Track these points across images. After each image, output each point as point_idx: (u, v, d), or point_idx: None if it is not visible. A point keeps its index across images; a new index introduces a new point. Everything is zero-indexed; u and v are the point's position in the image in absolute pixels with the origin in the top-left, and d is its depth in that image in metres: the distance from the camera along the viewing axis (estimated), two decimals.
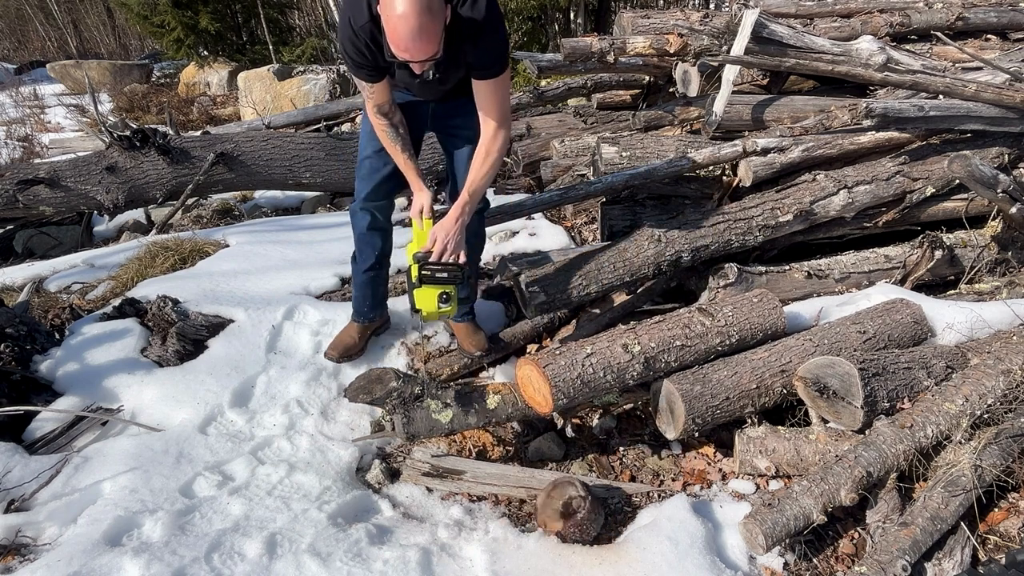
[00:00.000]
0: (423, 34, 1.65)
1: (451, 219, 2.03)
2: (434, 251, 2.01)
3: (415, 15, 1.61)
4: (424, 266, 1.99)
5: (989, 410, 1.96)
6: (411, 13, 1.61)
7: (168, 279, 3.22)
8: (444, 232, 2.02)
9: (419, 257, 2.01)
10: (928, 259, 2.75)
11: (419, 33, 1.64)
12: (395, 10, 1.63)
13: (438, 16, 1.68)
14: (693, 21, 3.79)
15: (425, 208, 2.16)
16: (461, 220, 2.04)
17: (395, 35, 1.67)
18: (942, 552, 1.78)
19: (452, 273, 2.02)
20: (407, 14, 1.61)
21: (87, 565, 1.74)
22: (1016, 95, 2.80)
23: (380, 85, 2.01)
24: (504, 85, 1.96)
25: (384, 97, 2.05)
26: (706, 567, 1.78)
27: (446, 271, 2.01)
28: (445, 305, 2.03)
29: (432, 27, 1.66)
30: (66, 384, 2.46)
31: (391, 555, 1.85)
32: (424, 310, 2.04)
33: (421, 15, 1.62)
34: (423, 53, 1.69)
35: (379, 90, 2.02)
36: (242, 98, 9.62)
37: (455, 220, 2.03)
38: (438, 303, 2.02)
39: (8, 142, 8.40)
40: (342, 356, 2.58)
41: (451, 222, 2.03)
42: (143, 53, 17.26)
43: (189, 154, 4.52)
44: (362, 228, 2.38)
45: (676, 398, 2.06)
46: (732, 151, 2.94)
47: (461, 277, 2.03)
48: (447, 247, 2.01)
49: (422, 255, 2.01)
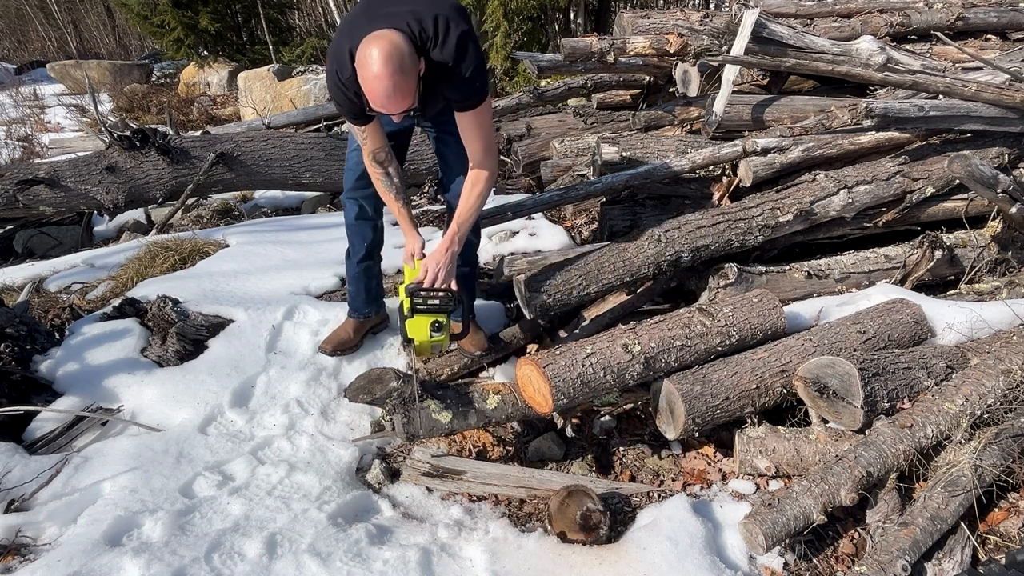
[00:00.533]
0: (397, 92, 1.72)
1: (441, 249, 2.09)
2: (426, 280, 2.06)
3: (388, 76, 1.69)
4: (415, 294, 2.03)
5: (989, 410, 1.96)
6: (384, 75, 1.69)
7: (168, 279, 3.22)
8: (435, 261, 2.08)
9: (410, 288, 2.05)
10: (928, 259, 2.75)
11: (393, 92, 1.71)
12: (369, 71, 1.70)
13: (411, 73, 1.74)
14: (693, 21, 3.79)
15: (416, 251, 2.22)
16: (451, 250, 2.09)
17: (371, 94, 1.75)
18: (942, 552, 1.78)
19: (443, 300, 2.05)
20: (380, 75, 1.69)
21: (87, 565, 1.74)
22: (1016, 95, 2.80)
23: (372, 127, 2.07)
24: (484, 114, 1.99)
25: (378, 142, 2.11)
26: (706, 567, 1.78)
27: (437, 298, 2.04)
28: (437, 334, 2.06)
29: (405, 85, 1.73)
30: (66, 384, 2.46)
31: (391, 555, 1.85)
32: (416, 339, 2.06)
33: (394, 75, 1.69)
34: (398, 108, 1.77)
35: (371, 133, 2.08)
36: (242, 98, 9.62)
37: (445, 250, 2.09)
38: (430, 331, 2.05)
39: (8, 142, 8.40)
40: (336, 349, 2.59)
41: (441, 252, 2.09)
42: (143, 53, 17.26)
43: (189, 154, 4.52)
44: (351, 218, 2.43)
45: (676, 398, 2.06)
46: (732, 151, 2.94)
47: (452, 304, 2.07)
48: (438, 275, 2.06)
49: (413, 286, 2.06)
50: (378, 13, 1.81)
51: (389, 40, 1.70)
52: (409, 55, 1.73)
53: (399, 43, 1.71)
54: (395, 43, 1.70)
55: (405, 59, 1.71)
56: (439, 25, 1.81)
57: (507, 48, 8.17)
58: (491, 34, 8.38)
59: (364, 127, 2.06)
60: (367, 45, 1.71)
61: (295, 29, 13.84)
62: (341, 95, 1.94)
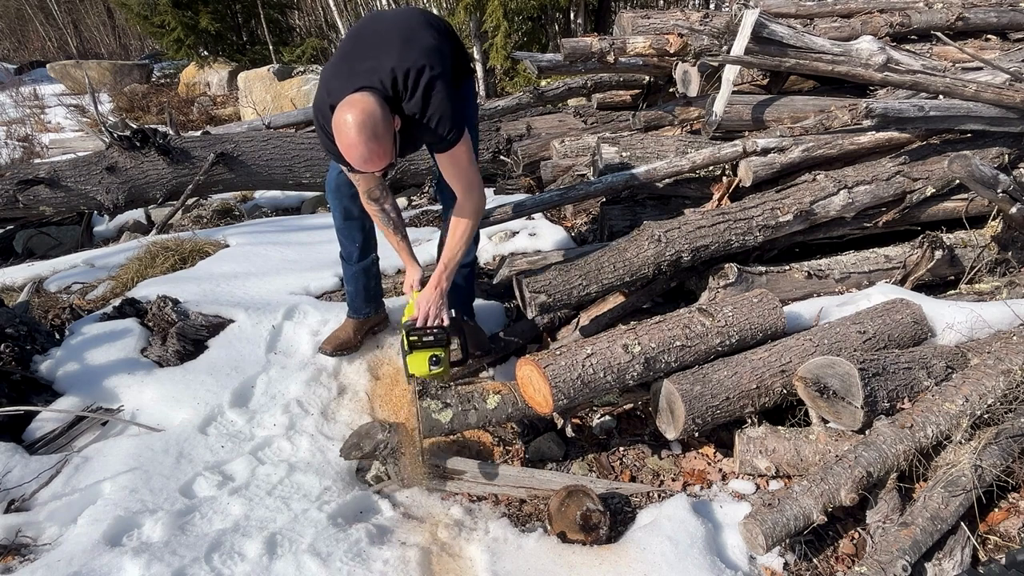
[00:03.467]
0: (372, 156, 1.76)
1: (430, 288, 2.17)
2: (419, 319, 2.15)
3: (363, 143, 1.73)
4: (411, 333, 2.13)
5: (989, 410, 1.96)
6: (359, 143, 1.73)
7: (168, 279, 3.22)
8: (425, 301, 2.16)
9: (407, 326, 2.16)
10: (928, 259, 2.74)
11: (368, 156, 1.76)
12: (344, 139, 1.74)
13: (385, 136, 1.77)
14: (693, 21, 3.79)
15: (415, 283, 2.31)
16: (440, 288, 2.17)
17: (348, 158, 1.79)
18: (942, 552, 1.78)
19: (437, 337, 2.15)
20: (355, 143, 1.73)
21: (87, 565, 1.74)
22: (1016, 95, 2.80)
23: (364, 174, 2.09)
24: (460, 155, 2.01)
25: (371, 182, 2.15)
26: (706, 567, 1.78)
27: (431, 335, 2.14)
28: (436, 367, 2.14)
29: (380, 149, 1.77)
30: (66, 384, 2.46)
31: (391, 555, 1.85)
32: (417, 373, 2.15)
33: (368, 143, 1.73)
34: (375, 168, 1.82)
35: (363, 176, 2.11)
36: (242, 98, 9.62)
37: (434, 288, 2.17)
38: (429, 365, 2.13)
39: (8, 142, 8.41)
40: (336, 350, 2.59)
41: (430, 291, 2.17)
42: (143, 53, 17.26)
43: (189, 154, 4.52)
44: (339, 221, 2.45)
45: (676, 398, 2.06)
46: (732, 151, 2.94)
47: (446, 340, 2.17)
48: (428, 314, 2.15)
49: (410, 323, 2.17)
50: (357, 68, 1.85)
51: (362, 108, 1.72)
52: (382, 119, 1.75)
53: (372, 109, 1.73)
54: (367, 110, 1.73)
55: (379, 125, 1.74)
56: (409, 78, 1.83)
57: (507, 48, 8.17)
58: (491, 34, 8.38)
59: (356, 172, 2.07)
60: (341, 112, 1.74)
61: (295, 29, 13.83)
62: (331, 144, 1.96)
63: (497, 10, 8.05)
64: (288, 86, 9.04)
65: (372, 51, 1.88)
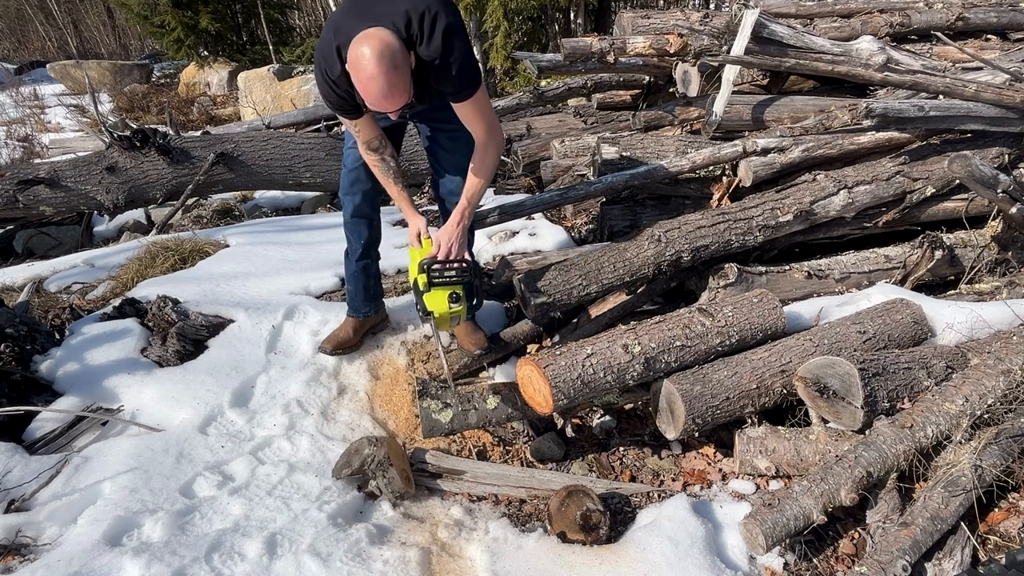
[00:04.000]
0: (392, 90, 1.74)
1: (452, 223, 2.13)
2: (440, 253, 2.09)
3: (383, 75, 1.70)
4: (432, 269, 2.07)
5: (989, 410, 1.96)
6: (379, 73, 1.70)
7: (168, 279, 3.22)
8: (447, 235, 2.11)
9: (425, 262, 2.09)
10: (928, 259, 2.75)
11: (389, 90, 1.73)
12: (363, 72, 1.71)
13: (404, 69, 1.75)
14: (693, 21, 3.79)
15: (422, 231, 2.24)
16: (462, 224, 2.13)
17: (366, 94, 1.76)
18: (942, 552, 1.78)
19: (459, 272, 2.10)
20: (375, 74, 1.70)
21: (87, 565, 1.74)
22: (1016, 95, 2.80)
23: (364, 120, 2.08)
24: (481, 101, 2.00)
25: (372, 132, 2.12)
26: (706, 567, 1.78)
27: (453, 270, 2.09)
28: (455, 305, 2.09)
29: (400, 81, 1.74)
30: (66, 384, 2.46)
31: (391, 555, 1.85)
32: (436, 311, 2.09)
33: (388, 74, 1.71)
34: (394, 106, 1.79)
35: (364, 125, 2.09)
36: (242, 98, 9.62)
37: (456, 223, 2.12)
38: (448, 303, 2.08)
39: (8, 142, 8.41)
40: (335, 349, 2.59)
41: (453, 226, 2.12)
42: (143, 53, 17.27)
43: (189, 154, 4.52)
44: (348, 216, 2.44)
45: (676, 398, 2.06)
46: (732, 151, 2.94)
47: (468, 275, 2.12)
48: (451, 249, 2.11)
49: (427, 261, 2.09)
50: (365, 12, 1.82)
51: (379, 39, 1.70)
52: (401, 51, 1.74)
53: (390, 41, 1.72)
54: (386, 41, 1.71)
55: (397, 56, 1.72)
56: (425, 21, 1.81)
57: (507, 48, 8.17)
58: (491, 34, 8.38)
59: (355, 120, 2.07)
60: (358, 45, 1.71)
61: (295, 29, 13.84)
62: (331, 92, 1.95)
63: (497, 10, 8.05)
64: (288, 86, 9.04)
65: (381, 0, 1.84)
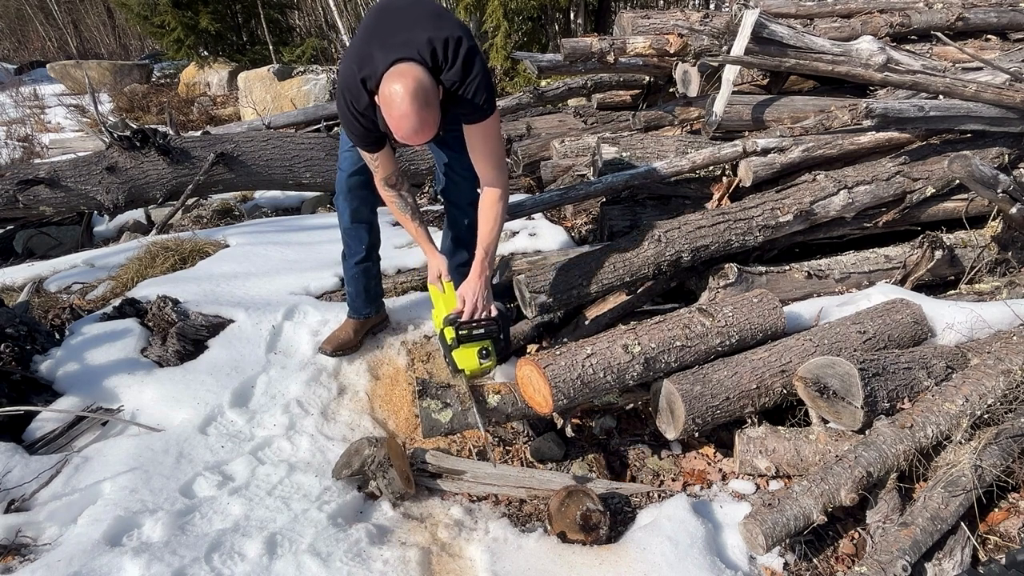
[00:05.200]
0: (424, 126, 1.73)
1: (474, 277, 2.07)
2: (465, 311, 2.05)
3: (416, 112, 1.70)
4: (460, 327, 2.03)
5: (989, 410, 1.96)
6: (412, 112, 1.69)
7: (168, 279, 3.22)
8: (472, 292, 2.06)
9: (451, 319, 2.05)
10: (928, 259, 2.75)
11: (420, 127, 1.73)
12: (395, 110, 1.70)
13: (434, 104, 1.75)
14: (693, 21, 3.79)
15: (443, 273, 2.20)
16: (484, 276, 2.08)
17: (399, 131, 1.75)
18: (942, 552, 1.78)
19: (488, 328, 2.06)
20: (408, 113, 1.69)
21: (87, 565, 1.74)
22: (1016, 95, 2.80)
23: (383, 153, 2.06)
24: (494, 127, 1.99)
25: (390, 168, 2.11)
26: (706, 567, 1.78)
27: (482, 327, 2.05)
28: (486, 360, 2.06)
29: (431, 117, 1.74)
30: (66, 384, 2.46)
31: (391, 555, 1.85)
32: (467, 369, 2.07)
33: (421, 111, 1.70)
34: (424, 139, 1.78)
35: (383, 160, 2.08)
36: (242, 98, 9.61)
37: (479, 277, 2.07)
38: (479, 359, 2.06)
39: (8, 142, 8.40)
40: (336, 350, 2.59)
41: (475, 280, 2.07)
42: (143, 53, 17.26)
43: (189, 154, 4.52)
44: (346, 221, 2.42)
45: (676, 398, 2.06)
46: (732, 151, 2.94)
47: (497, 330, 2.07)
48: (477, 305, 2.05)
49: (454, 317, 2.05)
50: (390, 42, 1.80)
51: (412, 76, 1.70)
52: (431, 88, 1.74)
53: (421, 78, 1.72)
54: (418, 78, 1.71)
55: (429, 93, 1.72)
56: (449, 47, 1.81)
57: (507, 48, 8.18)
58: (491, 34, 8.38)
59: (376, 154, 2.06)
60: (390, 81, 1.71)
61: (295, 29, 13.83)
62: (355, 124, 1.94)
63: (497, 10, 8.05)
64: (288, 86, 9.03)
65: (403, 25, 1.84)
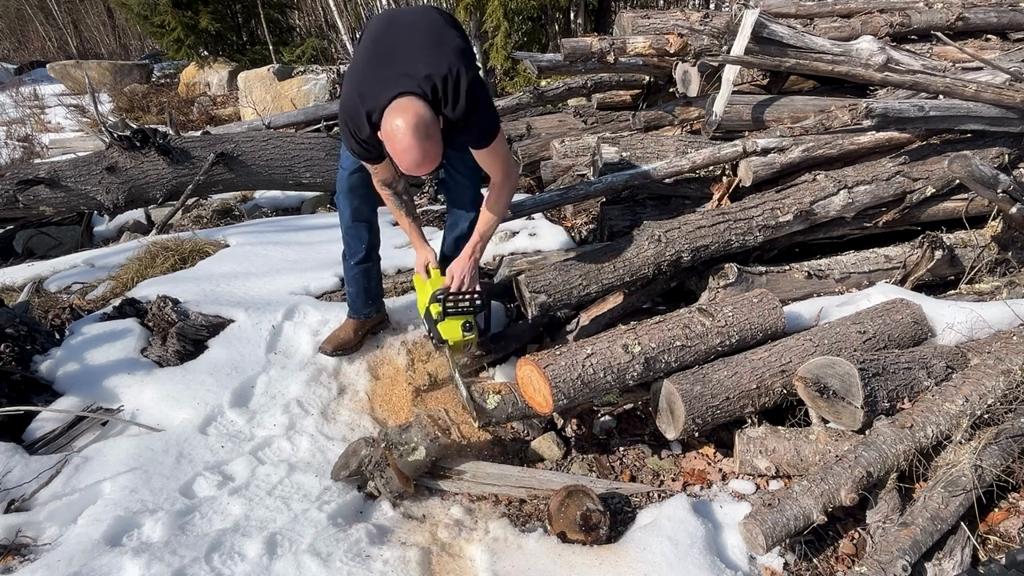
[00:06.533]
0: (426, 158, 1.78)
1: (465, 256, 2.21)
2: (453, 284, 2.19)
3: (417, 146, 1.74)
4: (446, 299, 2.19)
5: (989, 410, 1.96)
6: (414, 145, 1.74)
7: (168, 279, 3.22)
8: (460, 268, 2.20)
9: (439, 292, 2.20)
10: (928, 259, 2.75)
11: (423, 159, 1.77)
12: (398, 144, 1.75)
13: (436, 137, 1.79)
14: (693, 21, 3.79)
15: (431, 262, 2.34)
16: (474, 257, 2.21)
17: (401, 163, 1.80)
18: (942, 552, 1.78)
19: (472, 302, 2.22)
20: (410, 146, 1.74)
21: (87, 565, 1.74)
22: (1016, 95, 2.80)
23: (384, 163, 2.11)
24: (500, 146, 2.06)
25: (389, 172, 2.17)
26: (706, 567, 1.78)
27: (467, 301, 2.21)
28: (468, 333, 2.23)
29: (433, 149, 1.79)
30: (66, 384, 2.46)
31: (391, 555, 1.85)
32: (451, 340, 2.22)
33: (423, 144, 1.75)
34: (427, 170, 1.83)
35: (383, 167, 2.14)
36: (242, 98, 9.61)
37: (469, 256, 2.20)
38: (462, 331, 2.22)
39: (8, 142, 8.40)
40: (336, 349, 2.59)
41: (465, 259, 2.20)
42: (143, 53, 17.25)
43: (189, 154, 4.52)
44: (347, 221, 2.45)
45: (676, 398, 2.06)
46: (732, 151, 2.94)
47: (481, 305, 2.25)
48: (464, 280, 2.20)
49: (442, 291, 2.20)
50: (390, 75, 1.84)
51: (413, 112, 1.74)
52: (432, 121, 1.78)
53: (422, 112, 1.75)
54: (419, 113, 1.74)
55: (430, 127, 1.76)
56: (448, 84, 1.84)
57: (507, 48, 8.17)
58: (491, 34, 8.38)
59: (378, 166, 2.12)
60: (392, 117, 1.75)
61: (295, 29, 13.82)
62: (359, 147, 1.99)
63: (497, 10, 8.05)
64: (288, 86, 9.03)
65: (401, 55, 1.87)
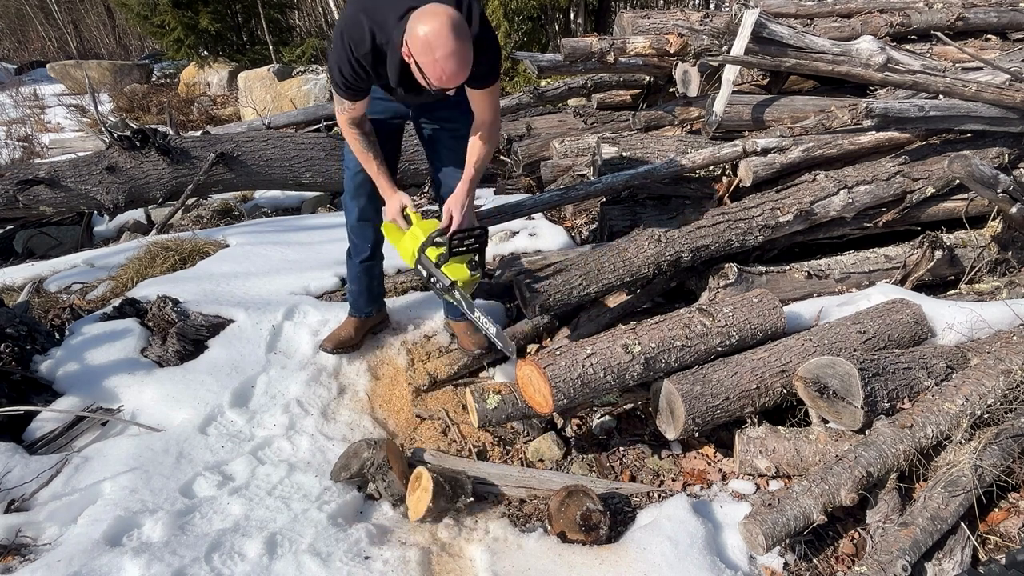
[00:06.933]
0: (465, 64, 1.69)
1: (463, 191, 2.09)
2: (455, 221, 2.07)
3: (460, 48, 1.65)
4: (453, 237, 2.03)
5: (989, 410, 1.96)
6: (459, 47, 1.65)
7: (168, 279, 3.21)
8: (460, 204, 2.07)
9: (440, 233, 2.06)
10: (928, 259, 2.75)
11: (464, 63, 1.69)
12: (440, 50, 1.64)
13: (470, 41, 1.71)
14: (693, 21, 3.79)
15: (408, 205, 2.17)
16: (471, 192, 2.11)
17: (442, 72, 1.68)
18: (942, 552, 1.78)
19: (478, 238, 2.08)
20: (455, 49, 1.64)
21: (87, 565, 1.74)
22: (1016, 95, 2.80)
23: (362, 102, 2.05)
24: (497, 91, 2.04)
25: (361, 112, 2.10)
26: (706, 567, 1.78)
27: (472, 237, 2.07)
28: (475, 272, 2.09)
29: (471, 54, 1.70)
30: (66, 384, 2.46)
31: (391, 555, 1.85)
32: (460, 280, 2.05)
33: (464, 44, 1.66)
34: (461, 80, 1.73)
35: (359, 106, 2.07)
36: (242, 98, 9.61)
37: (466, 194, 2.09)
38: (469, 270, 2.08)
39: (8, 142, 8.40)
40: (336, 347, 2.59)
41: (463, 194, 2.08)
42: (143, 53, 17.25)
43: (189, 154, 4.52)
44: (353, 220, 2.43)
45: (676, 398, 2.06)
46: (732, 151, 2.94)
47: (485, 239, 2.10)
48: (465, 216, 2.08)
49: (443, 230, 2.06)
50: None
51: (446, 13, 1.64)
52: (465, 23, 1.70)
53: (454, 13, 1.66)
54: (452, 15, 1.65)
55: (465, 28, 1.68)
56: (463, 3, 1.79)
57: (507, 48, 8.17)
58: None
59: (356, 103, 2.03)
60: (424, 22, 1.64)
61: (295, 29, 13.84)
62: (349, 70, 1.89)
63: (497, 10, 8.06)
64: (288, 86, 9.03)
65: None
